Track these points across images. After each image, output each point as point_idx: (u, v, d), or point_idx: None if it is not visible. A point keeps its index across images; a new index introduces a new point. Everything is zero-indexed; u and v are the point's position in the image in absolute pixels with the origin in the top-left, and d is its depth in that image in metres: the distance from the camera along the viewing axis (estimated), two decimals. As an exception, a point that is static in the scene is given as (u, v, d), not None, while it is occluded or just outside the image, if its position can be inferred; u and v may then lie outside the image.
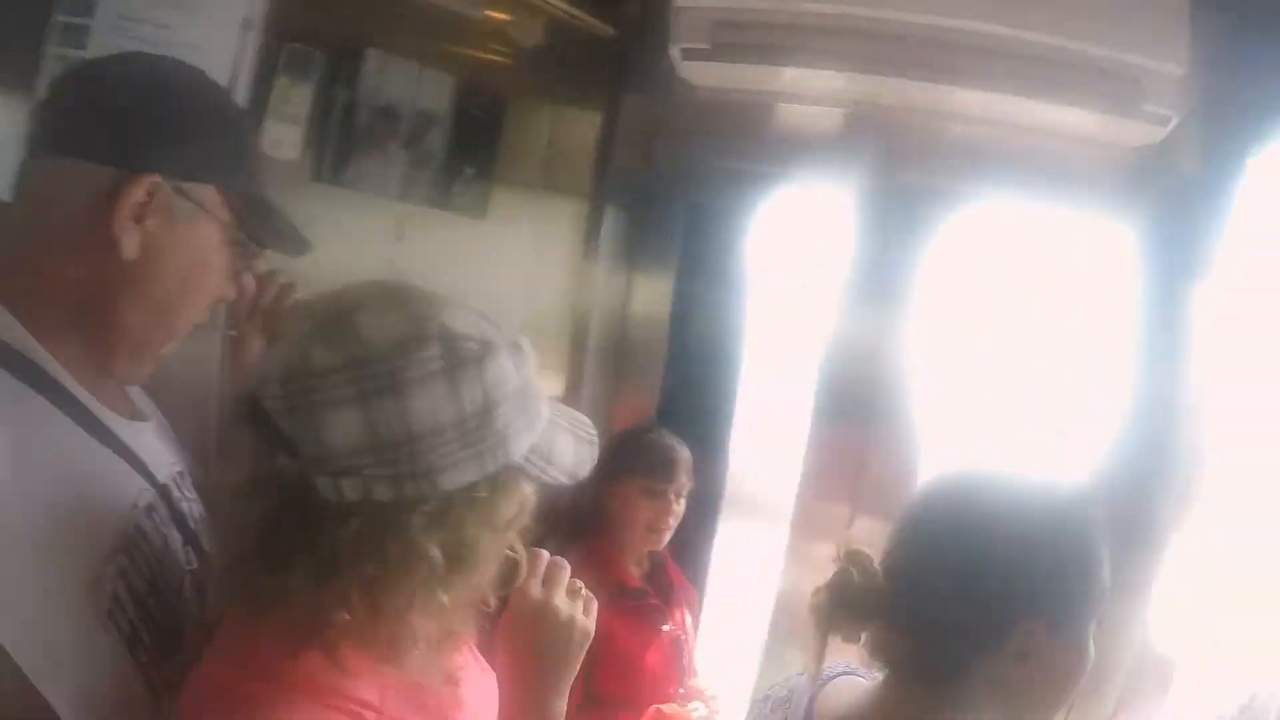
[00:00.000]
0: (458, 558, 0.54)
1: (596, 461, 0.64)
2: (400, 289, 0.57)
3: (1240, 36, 1.50)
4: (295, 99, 1.36)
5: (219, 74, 0.96)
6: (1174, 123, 1.42)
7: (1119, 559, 0.65)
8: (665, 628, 1.50)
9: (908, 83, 1.52)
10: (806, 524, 1.55)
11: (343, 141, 1.47)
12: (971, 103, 1.49)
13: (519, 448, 0.56)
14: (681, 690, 1.51)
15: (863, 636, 0.66)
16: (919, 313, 1.51)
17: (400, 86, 1.50)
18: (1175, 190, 1.38)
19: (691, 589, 1.65)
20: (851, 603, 0.64)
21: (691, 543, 1.67)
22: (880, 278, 1.50)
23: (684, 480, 1.52)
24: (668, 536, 1.54)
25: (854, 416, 1.51)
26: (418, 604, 0.54)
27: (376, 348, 0.51)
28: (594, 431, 0.64)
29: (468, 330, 0.54)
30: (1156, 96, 1.45)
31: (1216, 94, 1.47)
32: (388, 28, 1.47)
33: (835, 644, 0.66)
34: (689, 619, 1.57)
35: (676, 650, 1.50)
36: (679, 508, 1.52)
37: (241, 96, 1.18)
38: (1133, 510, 1.27)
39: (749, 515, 1.68)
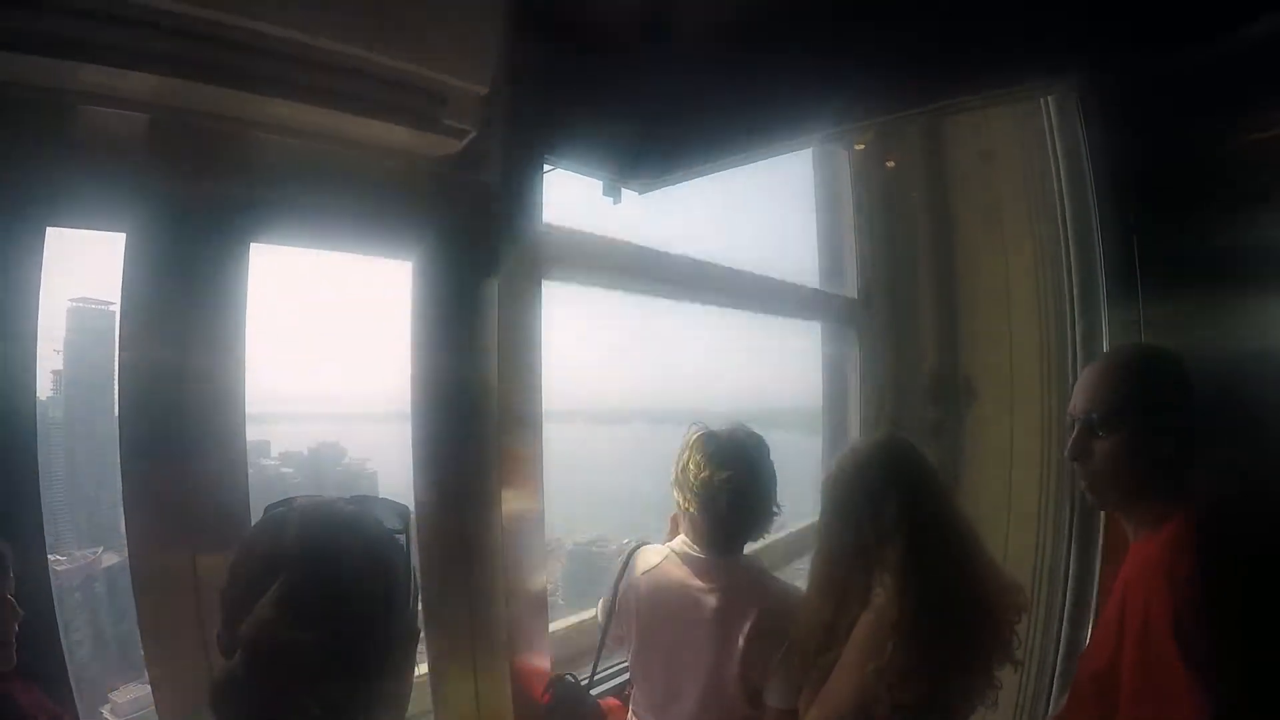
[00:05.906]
0: None
1: None
2: None
3: (547, 61, 1.78)
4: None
5: None
6: (471, 136, 1.61)
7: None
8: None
9: (216, 89, 1.45)
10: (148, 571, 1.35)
11: None
12: (279, 112, 1.48)
13: None
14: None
15: None
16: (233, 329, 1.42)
17: None
18: (473, 196, 1.57)
19: (56, 708, 1.31)
20: None
21: (42, 650, 1.34)
22: (181, 292, 1.39)
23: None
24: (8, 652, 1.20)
25: (170, 449, 1.36)
26: None
27: None
28: None
29: None
30: (458, 112, 1.62)
31: (518, 111, 1.72)
32: None
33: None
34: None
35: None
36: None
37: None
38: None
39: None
